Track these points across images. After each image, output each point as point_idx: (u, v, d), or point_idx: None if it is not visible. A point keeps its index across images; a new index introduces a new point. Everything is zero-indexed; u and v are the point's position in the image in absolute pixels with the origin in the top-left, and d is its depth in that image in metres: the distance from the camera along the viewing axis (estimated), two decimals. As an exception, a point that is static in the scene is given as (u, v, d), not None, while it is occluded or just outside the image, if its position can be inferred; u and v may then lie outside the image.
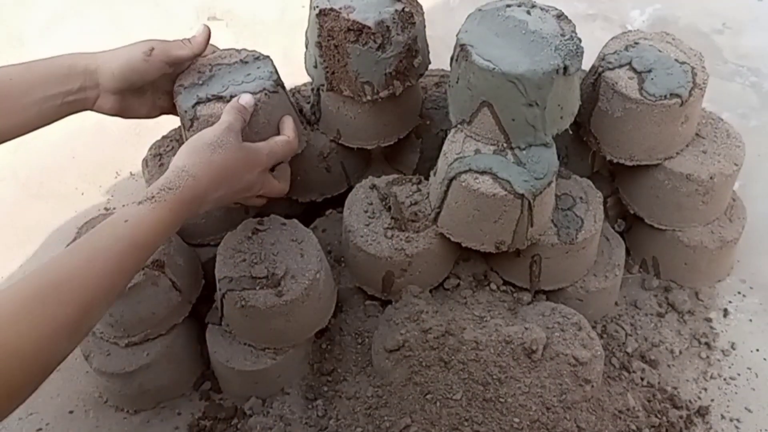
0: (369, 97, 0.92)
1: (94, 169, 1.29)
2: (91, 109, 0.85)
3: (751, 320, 1.03)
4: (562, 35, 0.83)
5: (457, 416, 0.81)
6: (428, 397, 0.83)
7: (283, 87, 0.92)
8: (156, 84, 0.89)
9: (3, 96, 0.77)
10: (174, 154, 0.99)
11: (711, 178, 0.95)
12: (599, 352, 0.86)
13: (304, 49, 0.97)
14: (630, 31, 1.01)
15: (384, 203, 0.94)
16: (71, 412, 0.94)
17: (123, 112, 0.87)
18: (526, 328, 0.85)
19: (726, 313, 1.04)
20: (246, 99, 0.84)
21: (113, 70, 0.82)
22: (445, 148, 0.89)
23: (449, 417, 0.82)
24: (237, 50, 0.93)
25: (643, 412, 0.89)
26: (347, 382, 0.91)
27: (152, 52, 0.83)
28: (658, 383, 0.94)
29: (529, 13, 0.86)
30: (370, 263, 0.91)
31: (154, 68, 0.84)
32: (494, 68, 0.80)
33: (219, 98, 0.86)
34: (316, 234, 0.92)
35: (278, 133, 0.88)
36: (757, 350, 1.00)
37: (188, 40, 0.88)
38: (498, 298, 0.95)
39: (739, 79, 1.44)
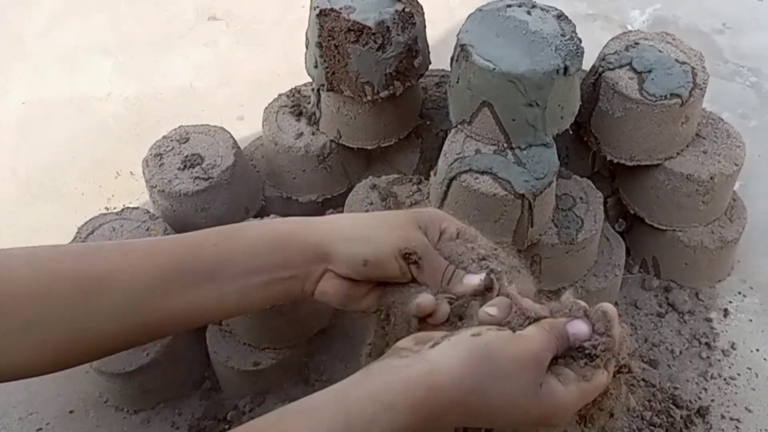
0: (369, 98, 0.92)
1: (94, 169, 1.29)
2: (306, 295, 0.62)
3: (751, 320, 1.03)
4: (563, 35, 0.83)
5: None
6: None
7: None
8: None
9: (192, 268, 0.57)
10: (174, 155, 1.00)
11: (711, 178, 0.95)
12: (599, 352, 0.86)
13: (304, 49, 0.97)
14: (630, 31, 1.01)
15: (384, 203, 0.94)
16: (71, 412, 0.94)
17: (346, 303, 0.64)
18: (526, 328, 0.85)
19: (726, 313, 1.04)
20: (581, 329, 0.54)
21: (355, 256, 0.59)
22: (445, 148, 0.89)
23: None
24: None
25: (644, 412, 0.89)
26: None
27: (410, 256, 0.59)
28: (659, 383, 0.94)
29: (529, 13, 0.87)
30: (370, 263, 0.91)
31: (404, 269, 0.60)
32: (494, 68, 0.80)
33: None
34: (316, 234, 0.92)
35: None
36: (757, 350, 1.00)
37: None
38: (498, 298, 0.95)
39: (739, 79, 1.44)
